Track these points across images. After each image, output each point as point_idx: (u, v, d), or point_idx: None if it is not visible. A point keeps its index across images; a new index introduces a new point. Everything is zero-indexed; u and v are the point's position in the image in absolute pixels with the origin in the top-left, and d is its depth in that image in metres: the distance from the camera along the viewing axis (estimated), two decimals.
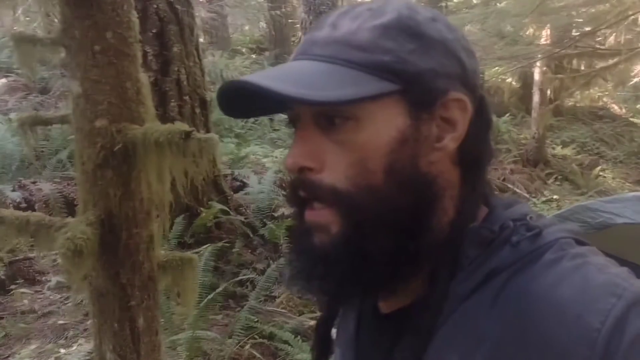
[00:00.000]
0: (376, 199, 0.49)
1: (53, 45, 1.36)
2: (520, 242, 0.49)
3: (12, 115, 5.44)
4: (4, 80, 6.30)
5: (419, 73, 0.49)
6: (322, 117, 0.50)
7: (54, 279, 3.34)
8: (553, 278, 0.45)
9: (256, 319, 2.83)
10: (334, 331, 0.66)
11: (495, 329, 0.46)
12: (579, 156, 8.06)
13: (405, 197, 0.49)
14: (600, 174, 7.38)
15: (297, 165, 0.51)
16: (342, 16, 0.52)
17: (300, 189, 0.52)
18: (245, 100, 0.53)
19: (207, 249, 3.15)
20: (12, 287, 3.31)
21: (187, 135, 1.24)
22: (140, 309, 1.43)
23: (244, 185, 4.36)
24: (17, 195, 3.73)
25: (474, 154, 0.53)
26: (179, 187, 1.29)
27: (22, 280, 3.40)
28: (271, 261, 3.61)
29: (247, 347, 2.64)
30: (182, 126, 1.26)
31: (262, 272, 3.39)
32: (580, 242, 0.50)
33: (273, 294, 3.28)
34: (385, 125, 0.49)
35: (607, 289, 0.43)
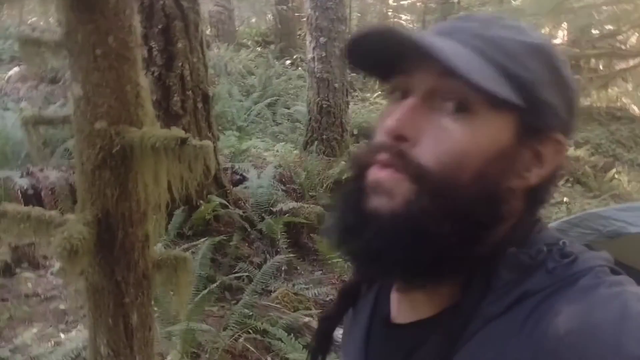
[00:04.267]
0: (455, 194, 0.49)
1: (56, 47, 1.40)
2: (556, 268, 0.49)
3: (23, 104, 5.52)
4: (16, 69, 6.36)
5: (543, 102, 0.51)
6: (438, 97, 0.51)
7: (57, 264, 3.42)
8: (589, 303, 0.45)
9: (251, 313, 2.88)
10: (339, 332, 0.66)
11: (524, 354, 0.45)
12: (592, 158, 7.84)
13: (480, 204, 0.50)
14: (615, 176, 7.13)
15: (398, 131, 0.50)
16: (492, 20, 0.54)
17: (385, 152, 0.51)
18: (374, 50, 0.52)
19: (204, 242, 3.20)
20: (18, 270, 3.39)
21: (183, 141, 1.27)
22: (134, 305, 1.48)
23: (243, 179, 4.40)
24: (24, 182, 3.80)
25: (543, 195, 0.55)
26: (174, 191, 1.33)
27: (27, 264, 3.48)
28: (268, 255, 3.66)
29: (241, 340, 2.70)
30: (178, 132, 1.29)
31: (259, 266, 3.45)
32: (615, 272, 0.50)
33: (269, 288, 3.34)
34: (494, 134, 0.50)
35: None
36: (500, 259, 0.50)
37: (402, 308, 0.58)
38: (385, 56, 0.52)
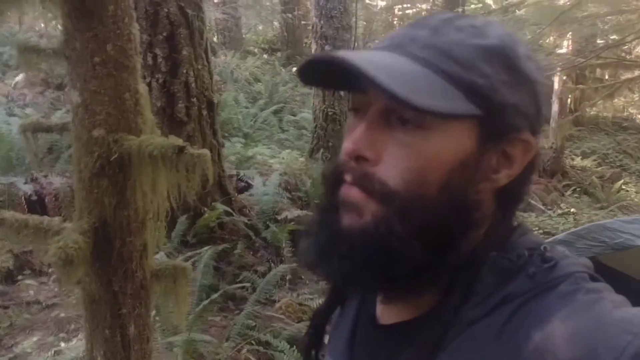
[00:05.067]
0: (424, 210, 0.49)
1: (55, 55, 1.39)
2: (536, 273, 0.49)
3: (29, 110, 5.56)
4: (23, 75, 6.41)
5: (503, 106, 0.49)
6: (395, 114, 0.50)
7: None
8: (567, 310, 0.45)
9: (254, 324, 2.84)
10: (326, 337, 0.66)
11: (502, 358, 0.46)
12: (599, 168, 7.77)
13: (450, 216, 0.49)
14: (623, 187, 7.06)
15: (356, 153, 0.50)
16: (445, 23, 0.51)
17: (349, 174, 0.51)
18: (327, 71, 0.51)
19: (208, 251, 3.18)
20: (20, 277, 3.38)
21: (180, 150, 1.25)
22: (131, 316, 1.45)
23: (248, 187, 4.38)
24: (28, 188, 3.81)
25: (516, 193, 0.54)
26: (171, 200, 1.31)
27: (29, 271, 3.47)
28: (272, 264, 3.63)
29: (244, 351, 2.66)
30: (175, 141, 1.27)
31: (263, 275, 3.42)
32: (594, 278, 0.50)
33: (273, 298, 3.30)
34: (455, 144, 0.49)
35: (623, 326, 0.42)
36: (480, 263, 0.50)
37: (386, 309, 0.58)
38: (335, 79, 0.51)
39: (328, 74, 0.51)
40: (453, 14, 0.53)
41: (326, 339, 0.67)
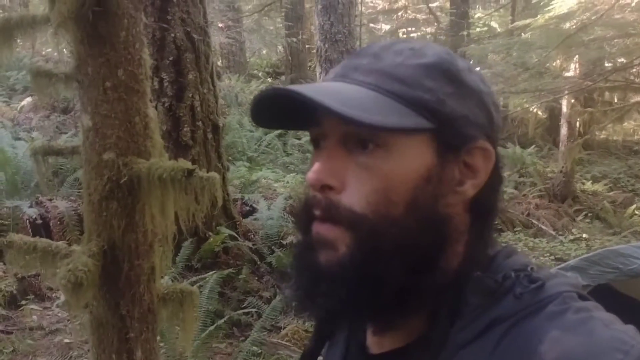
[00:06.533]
0: (393, 230, 0.49)
1: (67, 80, 1.41)
2: (524, 294, 0.48)
3: (35, 134, 5.61)
4: (29, 99, 6.50)
5: (453, 116, 0.51)
6: (352, 139, 0.51)
7: (62, 297, 3.38)
8: (557, 330, 0.45)
9: (260, 351, 2.80)
10: None
11: None
12: (611, 193, 7.66)
13: (421, 233, 0.50)
14: (636, 212, 6.92)
15: (320, 182, 0.51)
16: (384, 49, 0.53)
17: (317, 207, 0.52)
18: (278, 110, 0.52)
19: (213, 275, 3.16)
20: (23, 302, 3.36)
21: (190, 173, 1.26)
22: (138, 341, 1.44)
23: (253, 210, 4.37)
24: (33, 212, 3.81)
25: (487, 204, 0.54)
26: (181, 223, 1.31)
27: (33, 296, 3.44)
28: (278, 290, 3.60)
29: None
30: (185, 164, 1.28)
31: (268, 300, 3.38)
32: (583, 297, 0.49)
33: (279, 325, 3.26)
34: (415, 160, 0.50)
35: (614, 345, 0.42)
36: (465, 285, 0.50)
37: (377, 338, 0.58)
38: (288, 114, 0.52)
39: (279, 112, 0.52)
40: (391, 41, 0.55)
41: None
